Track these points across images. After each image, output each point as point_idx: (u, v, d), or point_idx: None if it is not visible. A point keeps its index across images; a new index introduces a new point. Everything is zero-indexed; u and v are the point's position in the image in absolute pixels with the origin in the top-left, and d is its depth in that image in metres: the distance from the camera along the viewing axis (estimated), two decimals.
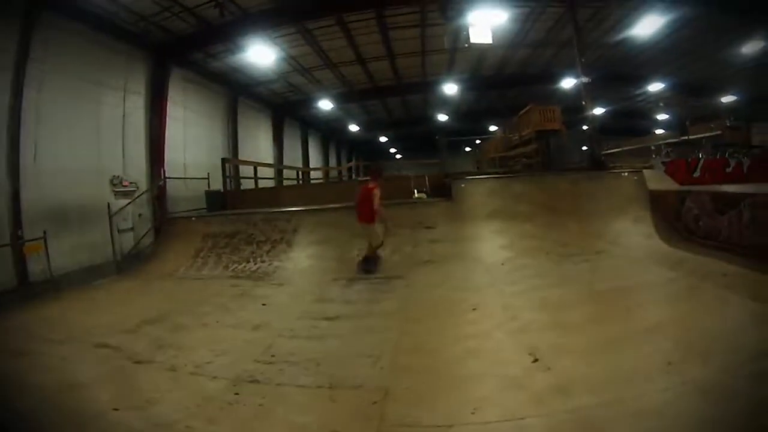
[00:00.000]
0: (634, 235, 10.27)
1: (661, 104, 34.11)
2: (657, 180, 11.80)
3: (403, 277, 9.72)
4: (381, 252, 10.49)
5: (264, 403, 4.83)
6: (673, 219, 10.29)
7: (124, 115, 15.48)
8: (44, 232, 11.11)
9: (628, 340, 5.46)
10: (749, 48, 21.99)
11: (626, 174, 12.03)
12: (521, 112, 19.34)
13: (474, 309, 7.24)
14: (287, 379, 5.47)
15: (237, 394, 5.09)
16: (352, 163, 45.36)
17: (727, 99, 30.08)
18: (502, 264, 9.69)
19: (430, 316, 7.30)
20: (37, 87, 12.04)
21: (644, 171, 12.01)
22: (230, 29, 15.86)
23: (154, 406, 4.95)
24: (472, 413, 4.27)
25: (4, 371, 5.78)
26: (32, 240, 11.21)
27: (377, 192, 9.96)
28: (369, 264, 10.28)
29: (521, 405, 4.31)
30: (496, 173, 15.04)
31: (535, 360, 5.19)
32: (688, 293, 7.01)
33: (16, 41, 11.51)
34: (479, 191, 12.09)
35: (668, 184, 11.87)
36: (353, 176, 39.11)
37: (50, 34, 12.37)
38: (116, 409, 4.83)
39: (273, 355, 5.97)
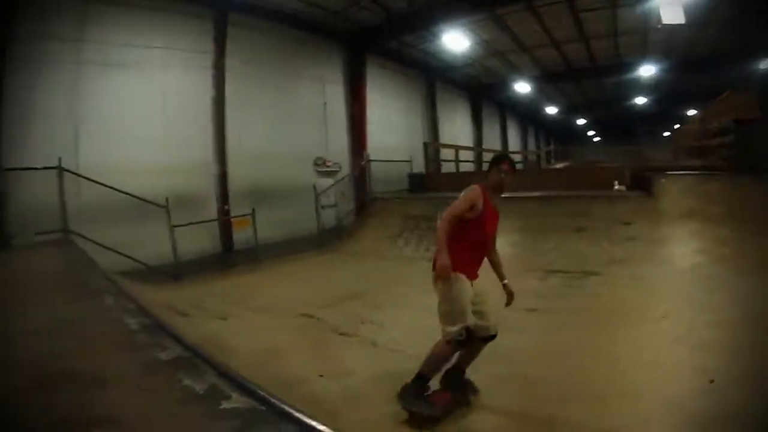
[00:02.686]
0: None
1: None
2: None
3: (599, 274, 9.24)
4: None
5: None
6: None
7: (325, 103, 16.39)
8: (252, 210, 12.02)
9: None
10: None
11: None
12: (718, 98, 17.52)
13: (663, 317, 6.67)
14: (478, 366, 5.50)
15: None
16: (551, 147, 44.26)
17: None
18: (693, 269, 8.78)
19: (619, 318, 6.87)
20: (235, 81, 13.22)
21: None
22: (420, 18, 15.85)
23: (354, 375, 5.17)
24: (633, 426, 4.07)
25: (210, 331, 6.14)
26: (241, 216, 12.21)
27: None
28: (419, 399, 4.30)
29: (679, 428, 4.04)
30: (694, 168, 13.71)
31: (712, 381, 4.74)
32: None
33: (212, 38, 12.96)
34: (677, 188, 10.97)
35: None
36: (551, 161, 38.13)
37: (243, 34, 13.54)
38: (321, 376, 5.08)
39: None
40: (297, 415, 2.80)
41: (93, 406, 2.80)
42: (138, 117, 11.17)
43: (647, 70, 23.39)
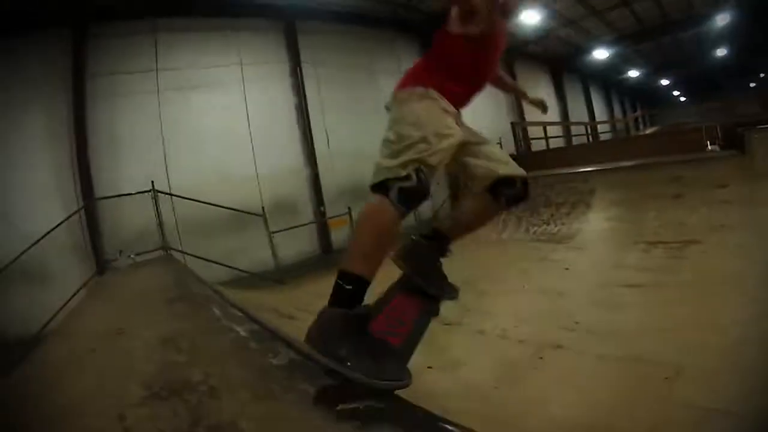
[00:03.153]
0: None
1: None
2: None
3: (700, 242, 8.67)
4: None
5: (565, 371, 4.77)
6: None
7: None
8: (348, 208, 12.13)
9: None
10: None
11: None
12: None
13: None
14: (588, 348, 5.36)
15: (541, 358, 5.11)
16: (638, 113, 42.65)
17: None
18: None
19: (726, 290, 6.33)
20: (315, 86, 13.50)
21: None
22: None
23: (463, 366, 5.15)
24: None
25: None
26: (337, 216, 12.42)
27: None
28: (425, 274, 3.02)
29: None
30: None
31: None
32: None
33: (284, 47, 13.30)
34: None
35: None
36: (639, 128, 36.77)
37: (313, 39, 13.80)
38: (430, 368, 5.08)
39: (577, 323, 5.86)
40: (415, 407, 2.60)
41: (210, 416, 2.82)
42: (224, 132, 11.63)
43: (723, 19, 22.03)
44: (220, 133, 11.54)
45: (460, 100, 2.84)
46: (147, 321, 4.71)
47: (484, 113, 19.76)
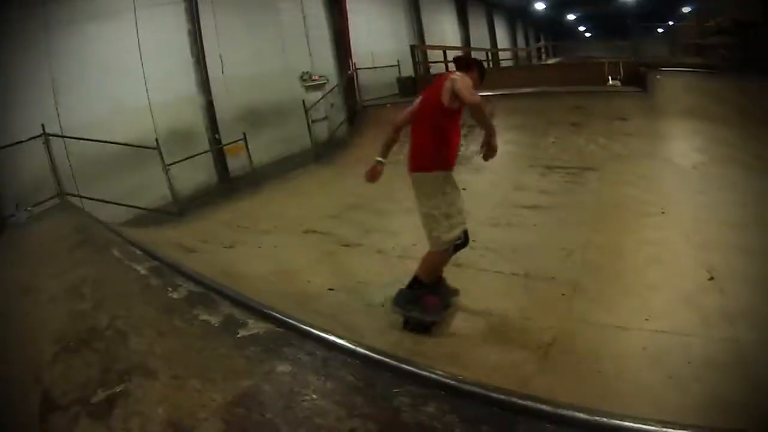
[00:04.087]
0: None
1: None
2: None
3: (596, 169, 9.12)
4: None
5: (464, 285, 4.85)
6: None
7: (304, 16, 15.69)
8: (243, 134, 11.90)
9: None
10: None
11: None
12: None
13: (662, 212, 6.71)
14: (488, 264, 5.55)
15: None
16: (541, 44, 43.38)
17: None
18: (694, 168, 8.58)
19: (620, 214, 6.94)
20: (210, 11, 12.71)
21: None
22: None
23: (367, 287, 5.19)
24: (646, 320, 4.18)
25: (219, 262, 6.13)
26: (232, 142, 12.10)
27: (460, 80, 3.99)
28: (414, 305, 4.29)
29: (688, 323, 4.11)
30: (691, 65, 13.28)
31: (711, 278, 4.78)
32: None
33: None
34: (675, 85, 10.78)
35: None
36: (542, 58, 37.48)
37: None
38: (331, 289, 5.15)
39: (474, 241, 5.93)
40: (315, 331, 2.96)
41: (120, 360, 2.95)
42: (116, 66, 10.73)
43: None
44: (111, 66, 10.64)
45: (454, 161, 4.34)
46: (50, 273, 4.71)
47: (385, 36, 19.57)
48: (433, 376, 2.49)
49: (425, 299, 4.22)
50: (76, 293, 4.05)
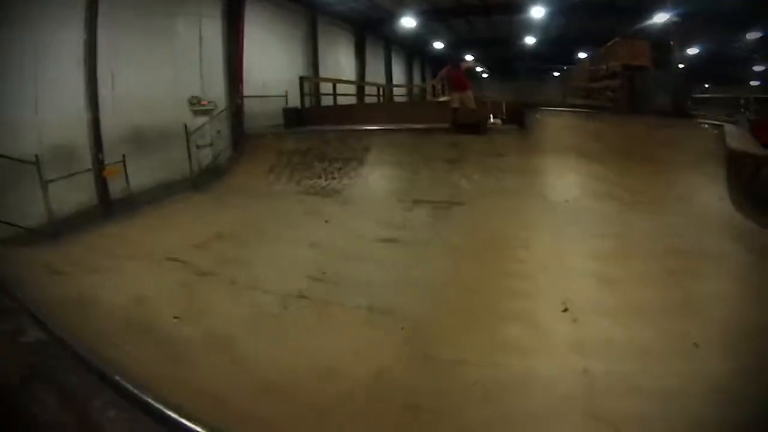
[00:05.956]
0: (705, 194, 9.08)
1: (756, 55, 30.70)
2: (738, 138, 10.34)
3: (464, 204, 9.65)
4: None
5: (307, 318, 5.08)
6: (749, 185, 9.05)
7: (200, 39, 15.61)
8: (123, 156, 11.78)
9: (660, 310, 5.14)
10: None
11: (706, 126, 10.78)
12: (609, 43, 18.24)
13: (525, 248, 7.12)
14: (331, 297, 5.81)
15: (285, 308, 5.37)
16: (436, 81, 44.53)
17: None
18: (566, 202, 9.28)
19: (483, 249, 7.26)
20: (109, 23, 12.24)
21: (726, 126, 10.94)
22: None
23: (208, 316, 5.44)
24: (489, 353, 4.39)
25: (79, 288, 6.13)
26: (112, 164, 11.81)
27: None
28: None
29: (535, 354, 4.38)
30: (576, 106, 14.24)
31: (565, 310, 5.14)
32: (740, 270, 6.38)
33: None
34: (554, 124, 11.51)
35: (750, 145, 10.32)
36: (437, 95, 38.50)
37: None
38: (176, 318, 5.40)
39: (324, 273, 6.18)
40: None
41: None
42: (8, 74, 10.15)
43: (538, 12, 23.53)
44: (3, 75, 10.11)
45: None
46: None
47: (280, 65, 19.71)
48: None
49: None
50: None
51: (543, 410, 3.68)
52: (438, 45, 35.02)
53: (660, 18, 21.24)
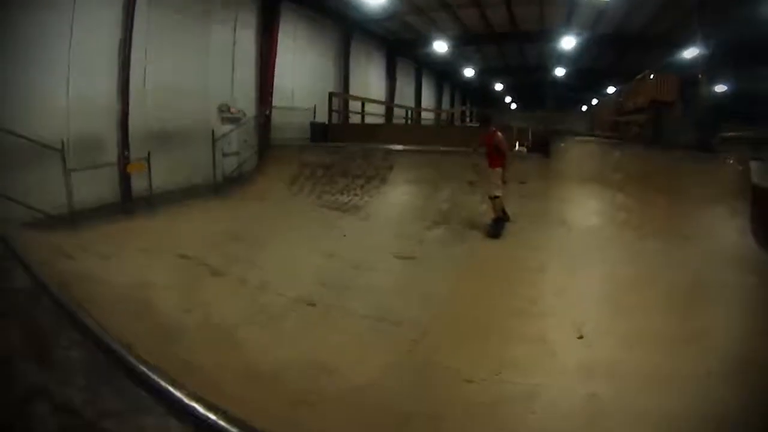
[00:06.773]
0: (727, 228, 8.79)
1: None
2: (764, 175, 10.55)
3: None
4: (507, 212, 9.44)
5: (312, 322, 5.06)
6: None
7: (233, 48, 15.85)
8: (148, 153, 11.78)
9: (673, 341, 5.02)
10: None
11: (732, 162, 10.79)
12: (637, 77, 18.18)
13: (542, 271, 7.07)
14: (340, 304, 5.84)
15: (292, 310, 5.38)
16: (465, 108, 44.65)
17: None
18: (584, 229, 9.18)
19: (497, 270, 7.25)
20: (145, 23, 12.38)
21: (752, 162, 10.78)
22: None
23: (210, 307, 5.50)
24: (497, 375, 4.33)
25: (88, 268, 6.33)
26: (136, 160, 11.80)
27: (500, 135, 9.47)
28: (497, 227, 9.12)
29: (544, 374, 4.33)
30: (601, 137, 14.17)
31: (580, 337, 5.07)
32: (758, 303, 6.15)
33: None
34: (578, 153, 11.47)
35: None
36: (466, 121, 38.53)
37: None
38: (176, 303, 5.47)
39: (336, 281, 6.18)
40: None
41: None
42: (44, 57, 10.21)
43: (568, 42, 23.59)
44: (40, 57, 10.08)
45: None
46: None
47: (310, 78, 19.85)
48: None
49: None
50: None
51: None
52: (468, 72, 35.13)
53: (690, 53, 21.14)
